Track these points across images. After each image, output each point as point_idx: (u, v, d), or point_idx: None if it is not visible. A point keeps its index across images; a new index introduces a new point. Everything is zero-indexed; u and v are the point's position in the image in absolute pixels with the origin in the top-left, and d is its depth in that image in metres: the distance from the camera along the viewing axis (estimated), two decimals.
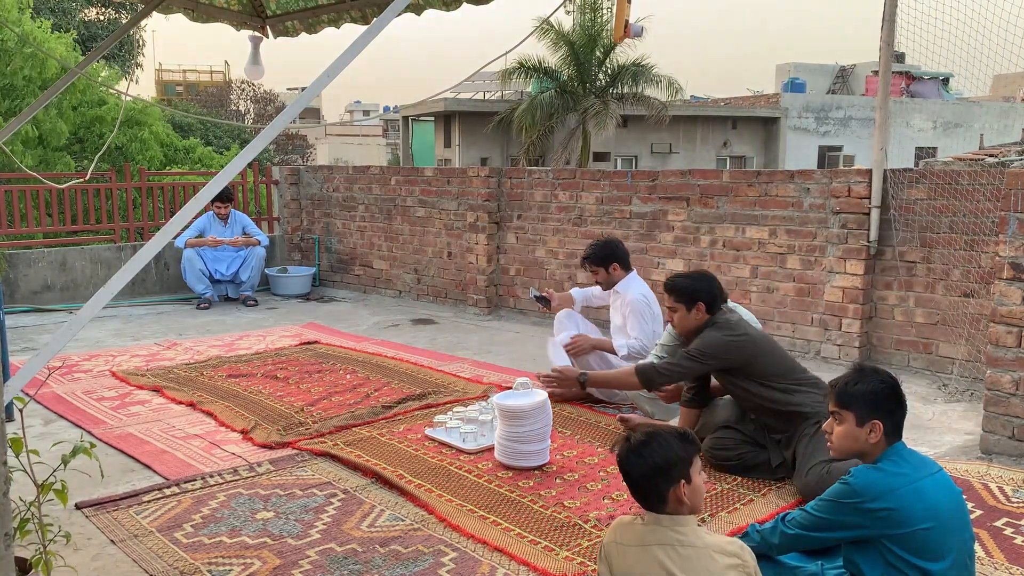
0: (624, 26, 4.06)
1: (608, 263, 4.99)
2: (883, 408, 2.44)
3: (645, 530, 2.20)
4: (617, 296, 5.05)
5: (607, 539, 2.27)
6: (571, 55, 20.34)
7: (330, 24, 4.43)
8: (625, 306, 4.94)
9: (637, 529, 2.22)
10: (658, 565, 2.13)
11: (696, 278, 3.91)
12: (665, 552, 2.13)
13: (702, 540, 2.16)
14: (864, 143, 24.76)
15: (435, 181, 8.53)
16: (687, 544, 2.14)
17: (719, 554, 2.14)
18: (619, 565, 2.20)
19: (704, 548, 2.14)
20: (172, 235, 2.18)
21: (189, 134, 15.93)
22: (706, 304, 3.83)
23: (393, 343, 6.68)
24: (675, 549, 2.13)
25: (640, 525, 2.23)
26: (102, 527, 3.24)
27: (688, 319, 3.87)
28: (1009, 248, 4.00)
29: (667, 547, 2.14)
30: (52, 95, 4.16)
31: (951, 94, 29.56)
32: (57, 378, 5.38)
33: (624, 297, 4.96)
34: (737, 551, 2.17)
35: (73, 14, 20.03)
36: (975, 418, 4.43)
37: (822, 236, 5.83)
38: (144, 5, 4.40)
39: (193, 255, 8.33)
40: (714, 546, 2.16)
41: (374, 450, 4.07)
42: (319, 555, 3.02)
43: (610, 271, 5.00)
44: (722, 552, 2.15)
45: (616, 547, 2.23)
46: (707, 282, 3.88)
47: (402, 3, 2.37)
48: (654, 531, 2.18)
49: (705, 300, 3.83)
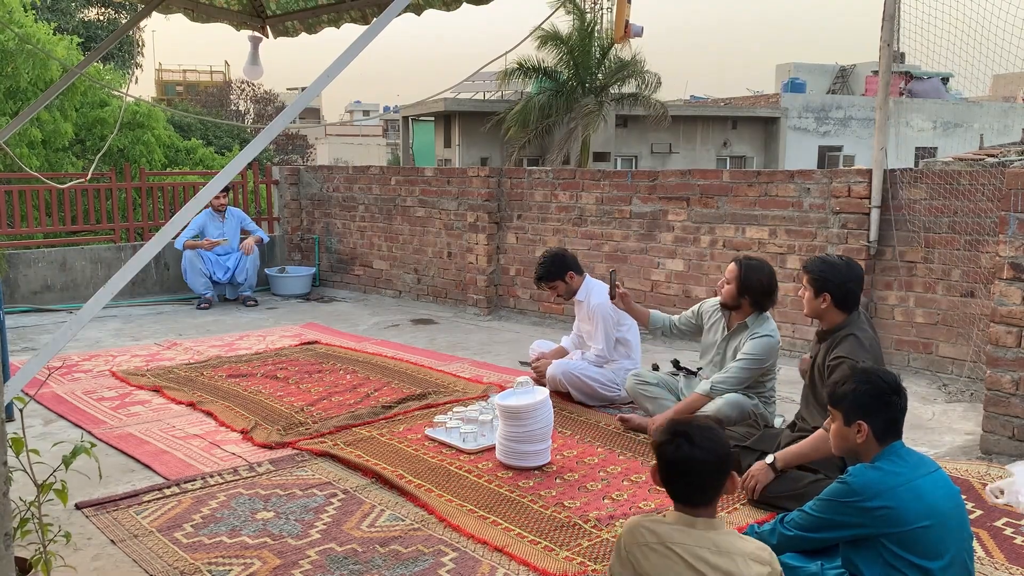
0: (624, 26, 4.06)
1: (563, 274, 4.98)
2: (867, 409, 2.44)
3: (675, 531, 2.11)
4: (580, 305, 5.06)
5: (628, 541, 2.15)
6: (569, 55, 20.34)
7: (330, 24, 4.43)
8: (592, 312, 4.95)
9: (664, 530, 2.12)
10: (685, 566, 2.04)
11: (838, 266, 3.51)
12: (698, 557, 2.05)
13: (736, 546, 2.09)
14: (864, 143, 24.75)
15: (435, 181, 8.53)
16: (723, 551, 2.06)
17: (754, 562, 2.07)
18: (647, 568, 2.09)
19: (740, 555, 2.07)
20: (172, 235, 2.18)
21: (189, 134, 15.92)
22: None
23: (393, 343, 6.68)
24: (710, 553, 2.05)
25: (667, 526, 2.13)
26: (102, 527, 3.24)
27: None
28: (1009, 248, 4.00)
29: (701, 550, 2.06)
30: (52, 95, 4.17)
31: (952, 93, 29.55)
32: (57, 378, 5.38)
33: (588, 303, 4.96)
34: (769, 559, 2.11)
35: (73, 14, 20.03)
36: (975, 418, 4.43)
37: (822, 236, 5.83)
38: (144, 5, 4.40)
39: (194, 255, 8.34)
40: (749, 553, 2.09)
41: (374, 450, 4.07)
42: (319, 555, 3.02)
43: (567, 281, 5.00)
44: (757, 560, 2.08)
45: (642, 549, 2.11)
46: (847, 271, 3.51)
47: (402, 3, 2.37)
48: (687, 533, 2.09)
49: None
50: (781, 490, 3.35)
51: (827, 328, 3.52)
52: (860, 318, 3.49)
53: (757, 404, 4.15)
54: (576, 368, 4.87)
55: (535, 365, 5.22)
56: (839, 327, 3.46)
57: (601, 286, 5.03)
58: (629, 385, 4.59)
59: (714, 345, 4.38)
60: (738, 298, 4.17)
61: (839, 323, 3.47)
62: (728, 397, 4.06)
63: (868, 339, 3.41)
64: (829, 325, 3.51)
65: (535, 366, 5.21)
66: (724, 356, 4.29)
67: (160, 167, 11.97)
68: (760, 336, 4.10)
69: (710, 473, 2.12)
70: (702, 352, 4.51)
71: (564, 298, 5.11)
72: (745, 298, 4.15)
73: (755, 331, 4.14)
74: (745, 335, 4.18)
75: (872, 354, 3.35)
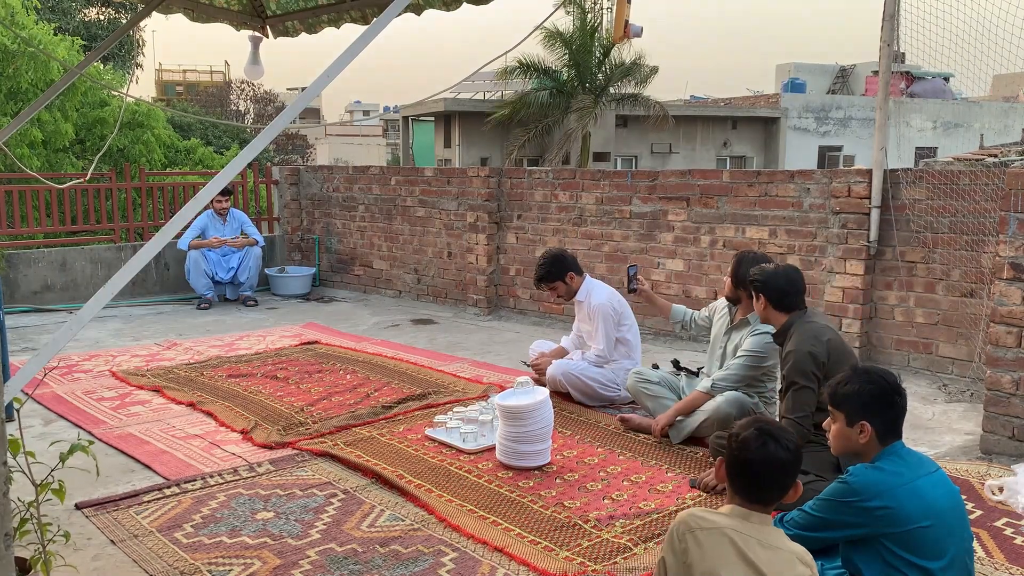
0: (624, 26, 4.06)
1: (563, 275, 4.98)
2: (871, 409, 2.44)
3: (729, 521, 2.13)
4: (581, 305, 5.05)
5: (682, 528, 2.14)
6: (570, 55, 20.34)
7: (330, 24, 4.43)
8: (592, 312, 4.93)
9: (718, 519, 2.15)
10: (740, 557, 2.07)
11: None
12: (750, 546, 2.08)
13: (785, 544, 2.14)
14: (864, 143, 24.75)
15: (435, 181, 8.53)
16: (772, 546, 2.11)
17: (800, 563, 2.11)
18: (700, 553, 2.09)
19: (788, 552, 2.11)
20: (172, 235, 2.19)
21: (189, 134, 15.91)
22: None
23: (393, 343, 6.68)
24: (761, 546, 2.09)
25: (722, 516, 2.16)
26: (102, 527, 3.24)
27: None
28: (1009, 248, 4.00)
29: (752, 540, 2.09)
30: (52, 96, 4.17)
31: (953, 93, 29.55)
32: (57, 378, 5.39)
33: (589, 303, 4.95)
34: (811, 562, 2.15)
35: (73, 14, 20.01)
36: (975, 418, 4.43)
37: (822, 236, 5.83)
38: (144, 5, 4.41)
39: (199, 256, 8.34)
40: (797, 552, 2.13)
41: (374, 450, 4.07)
42: (319, 555, 3.02)
43: (567, 281, 4.99)
44: (803, 561, 2.12)
45: (695, 534, 2.12)
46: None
47: (402, 3, 2.37)
48: (741, 524, 2.13)
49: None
50: None
51: (778, 330, 3.72)
52: (805, 315, 3.68)
53: (757, 403, 4.16)
54: (576, 368, 4.87)
55: (535, 365, 5.22)
56: (785, 326, 3.68)
57: (601, 286, 5.02)
58: (631, 383, 4.59)
59: (716, 340, 4.41)
60: (735, 290, 4.21)
61: (784, 323, 3.69)
62: (728, 395, 4.07)
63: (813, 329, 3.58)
64: (777, 327, 3.72)
65: (535, 365, 5.21)
66: (725, 351, 4.32)
67: (160, 167, 11.97)
68: (761, 333, 4.11)
69: (785, 475, 2.16)
70: (709, 349, 4.54)
71: (564, 299, 5.10)
72: (742, 291, 4.16)
73: (756, 328, 4.14)
74: (746, 331, 4.19)
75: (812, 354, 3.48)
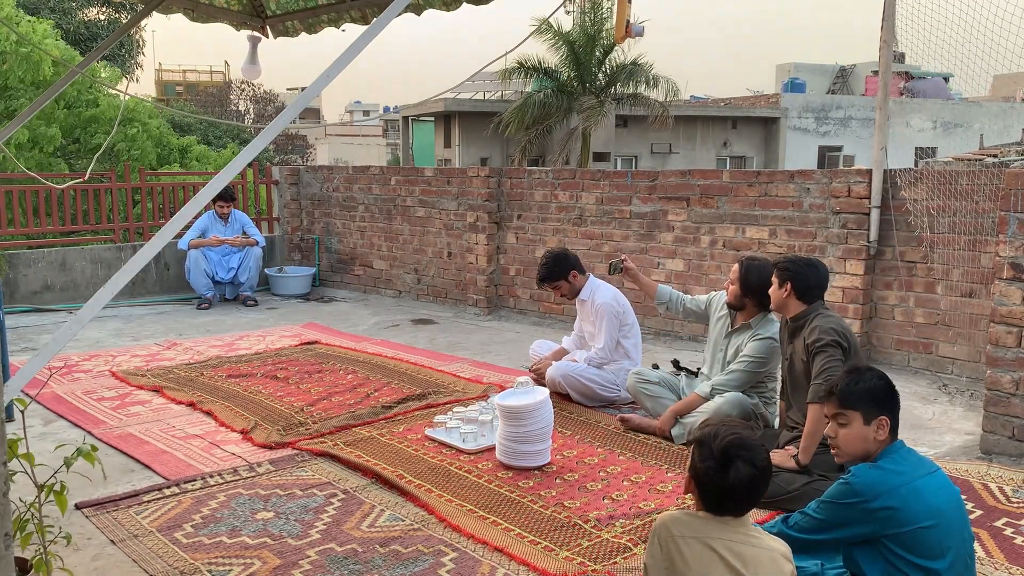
0: (625, 26, 4.06)
1: (567, 273, 4.96)
2: (886, 403, 2.46)
3: (707, 526, 2.12)
4: (584, 304, 5.03)
5: (665, 534, 2.15)
6: (571, 55, 20.34)
7: (330, 24, 4.43)
8: (595, 312, 4.91)
9: (697, 524, 2.14)
10: (722, 563, 2.06)
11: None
12: (735, 553, 2.07)
13: (765, 543, 2.13)
14: (864, 143, 24.75)
15: (435, 181, 8.53)
16: (754, 545, 2.10)
17: (783, 560, 2.11)
18: (685, 560, 2.10)
19: (769, 551, 2.11)
20: (172, 235, 2.18)
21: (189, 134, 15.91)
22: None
23: (393, 343, 6.68)
24: (742, 547, 2.09)
25: (701, 521, 2.15)
26: (102, 527, 3.24)
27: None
28: (1009, 248, 4.00)
29: (733, 544, 2.09)
30: (53, 94, 4.17)
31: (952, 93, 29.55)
32: (57, 378, 5.38)
33: (593, 302, 4.93)
34: (791, 557, 2.16)
35: (73, 14, 20.01)
36: (975, 418, 4.43)
37: (822, 236, 5.83)
38: (144, 5, 4.40)
39: (199, 255, 8.33)
40: (778, 550, 2.13)
41: (374, 450, 4.07)
42: (319, 555, 3.02)
43: (570, 280, 4.97)
44: (786, 558, 2.12)
45: (677, 542, 2.12)
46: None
47: (402, 3, 2.37)
48: (720, 529, 2.11)
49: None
50: (774, 493, 3.35)
51: (793, 316, 3.76)
52: (822, 307, 3.76)
53: (757, 404, 4.16)
54: (575, 370, 4.87)
55: (535, 367, 5.21)
56: (803, 315, 3.72)
57: (606, 286, 5.01)
58: (630, 383, 4.58)
59: (716, 343, 4.40)
60: (742, 298, 4.19)
61: (801, 312, 3.73)
62: (728, 396, 4.07)
63: (834, 320, 3.67)
64: (794, 314, 3.75)
65: (536, 369, 5.20)
66: (725, 354, 4.31)
67: (151, 163, 11.94)
68: (762, 338, 4.11)
69: (753, 492, 2.13)
70: (706, 349, 4.53)
71: (568, 298, 5.09)
72: (748, 299, 4.16)
73: (757, 332, 4.14)
74: (747, 336, 4.19)
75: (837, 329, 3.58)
